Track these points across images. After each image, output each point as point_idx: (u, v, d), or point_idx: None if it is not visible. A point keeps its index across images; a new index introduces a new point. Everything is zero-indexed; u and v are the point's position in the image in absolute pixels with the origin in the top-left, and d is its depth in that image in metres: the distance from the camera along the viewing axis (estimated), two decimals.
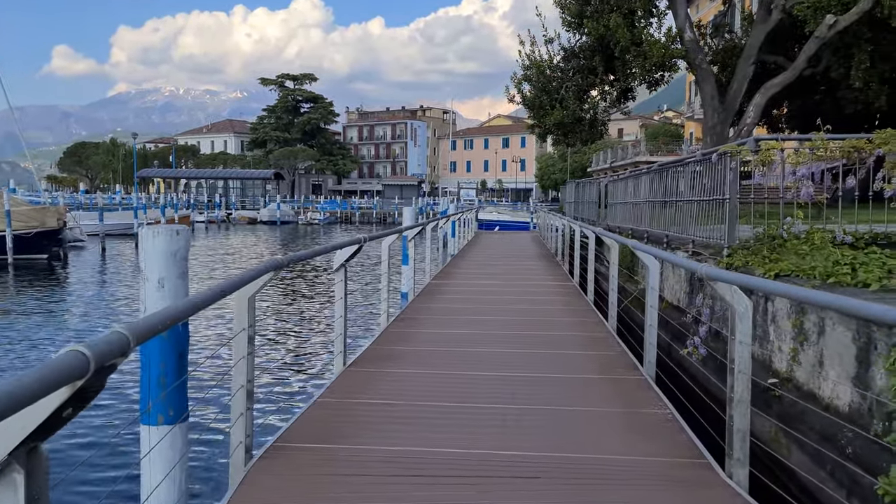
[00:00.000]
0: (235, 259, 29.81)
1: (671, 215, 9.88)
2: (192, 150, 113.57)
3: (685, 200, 9.03)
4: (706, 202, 8.17)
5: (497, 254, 19.63)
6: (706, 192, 8.35)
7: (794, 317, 5.37)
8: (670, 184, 10.10)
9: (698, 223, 8.47)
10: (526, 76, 19.25)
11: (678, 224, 9.52)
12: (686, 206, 9.08)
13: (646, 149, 47.78)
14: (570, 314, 9.49)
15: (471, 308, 9.81)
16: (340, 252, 6.20)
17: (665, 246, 9.70)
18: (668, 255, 5.69)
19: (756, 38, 17.22)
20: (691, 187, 9.06)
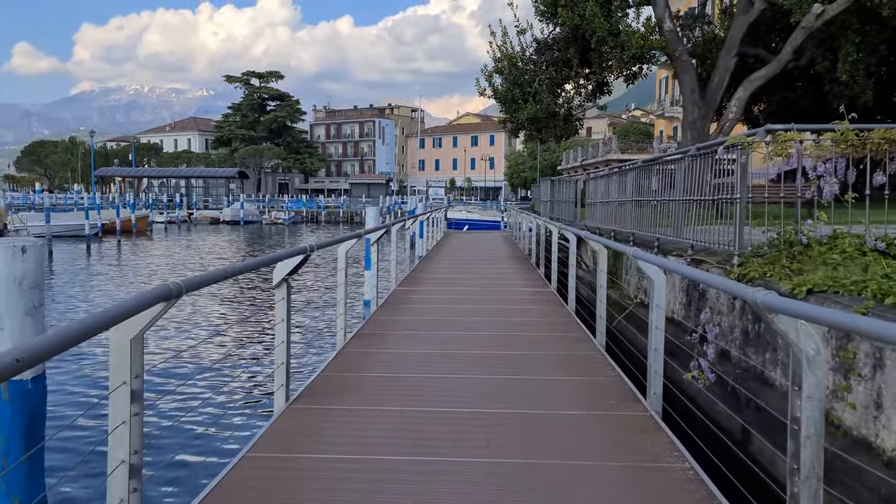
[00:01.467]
0: (177, 265, 27.59)
1: (662, 216, 8.91)
2: (155, 149, 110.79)
3: (681, 200, 8.06)
4: (708, 202, 7.21)
5: (468, 256, 18.60)
6: (706, 191, 7.39)
7: (836, 343, 4.39)
8: (661, 181, 9.14)
9: (697, 225, 7.51)
10: (497, 69, 18.24)
11: (671, 226, 8.56)
12: (682, 205, 8.12)
13: (617, 147, 47.18)
14: (551, 327, 8.47)
15: (440, 321, 8.74)
16: (281, 264, 5.09)
17: (657, 250, 8.73)
18: (687, 270, 4.59)
19: (738, 28, 16.40)
20: (687, 185, 8.10)
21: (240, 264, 4.34)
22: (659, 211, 9.02)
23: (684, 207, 8.11)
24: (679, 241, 8.14)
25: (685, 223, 8.12)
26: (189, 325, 15.09)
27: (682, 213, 8.30)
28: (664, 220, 8.85)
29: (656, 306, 5.18)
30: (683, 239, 7.92)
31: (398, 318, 9.03)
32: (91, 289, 20.50)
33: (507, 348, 7.21)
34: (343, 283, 7.57)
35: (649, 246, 9.20)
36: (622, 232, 11.14)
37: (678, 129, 51.61)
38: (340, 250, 7.52)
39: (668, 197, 8.74)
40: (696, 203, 7.52)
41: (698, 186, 7.83)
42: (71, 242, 32.84)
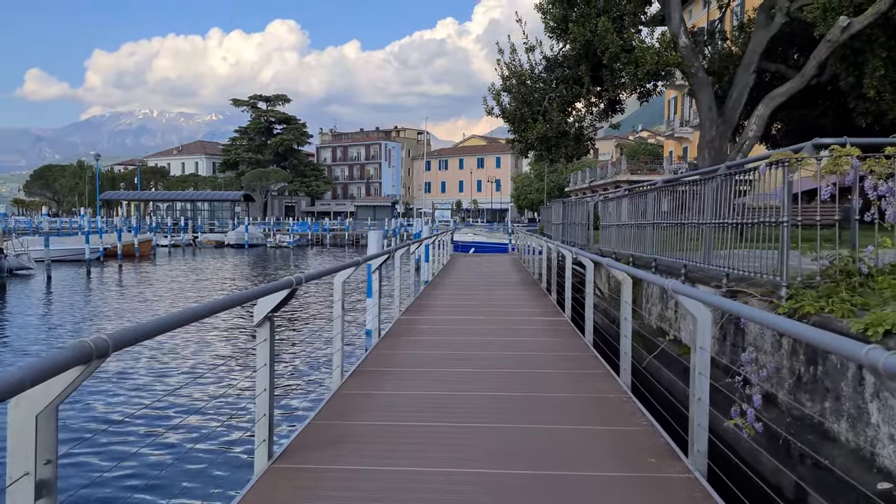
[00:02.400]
0: (168, 292, 26.24)
1: (689, 240, 8.17)
2: (162, 173, 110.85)
3: (712, 223, 7.32)
4: (745, 225, 6.48)
5: (476, 280, 17.86)
6: (742, 213, 6.67)
7: None
8: (686, 202, 8.41)
9: (730, 251, 6.77)
10: (506, 87, 17.61)
11: (699, 251, 7.82)
12: (712, 229, 7.38)
13: (627, 167, 46.51)
14: (569, 363, 7.70)
15: (446, 357, 7.98)
16: (263, 300, 4.38)
17: (683, 279, 7.98)
18: (757, 314, 3.65)
19: (757, 43, 15.75)
20: (717, 206, 7.37)
21: (215, 302, 3.63)
22: (685, 235, 8.28)
23: (715, 231, 7.38)
24: (709, 268, 7.39)
25: (716, 248, 7.38)
26: (158, 367, 13.22)
27: (710, 237, 7.57)
28: (691, 245, 8.11)
29: (700, 348, 4.43)
30: (715, 266, 7.18)
31: (401, 351, 8.29)
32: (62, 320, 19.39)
33: (522, 388, 6.46)
34: (339, 317, 6.85)
35: (675, 273, 8.45)
36: (641, 257, 10.40)
37: (688, 149, 51.02)
38: (337, 280, 6.80)
39: (696, 219, 8.01)
40: (731, 227, 6.79)
41: (730, 207, 7.12)
42: (73, 267, 32.29)
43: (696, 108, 16.82)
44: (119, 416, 9.94)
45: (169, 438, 8.75)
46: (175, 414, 9.98)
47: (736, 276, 6.53)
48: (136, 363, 13.30)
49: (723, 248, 7.34)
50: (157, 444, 8.50)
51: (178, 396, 10.92)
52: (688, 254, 8.09)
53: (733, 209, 7.25)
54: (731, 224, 6.73)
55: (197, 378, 12.24)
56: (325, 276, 5.99)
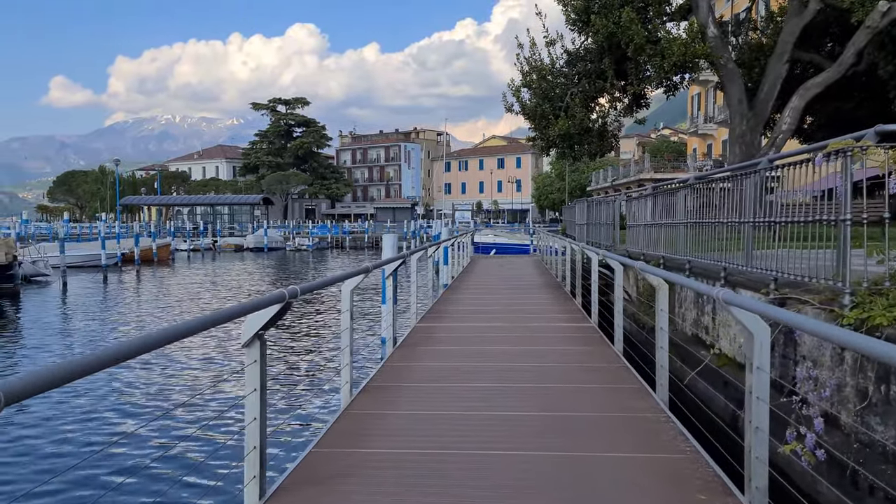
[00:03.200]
0: (180, 299, 25.28)
1: (727, 240, 7.51)
2: (183, 177, 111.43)
3: (753, 222, 6.66)
4: (779, 224, 5.82)
5: (497, 284, 17.24)
6: (782, 211, 6.02)
7: None
8: (724, 199, 7.75)
9: (777, 252, 6.10)
10: (526, 82, 16.99)
11: (738, 252, 7.15)
12: (755, 228, 6.72)
13: (650, 166, 45.58)
14: (599, 376, 7.07)
15: (465, 369, 7.39)
16: (252, 317, 3.83)
17: (723, 283, 7.32)
18: (820, 327, 2.92)
19: (790, 32, 14.99)
20: (758, 203, 6.72)
21: (193, 322, 3.08)
22: (724, 234, 7.61)
23: (758, 230, 6.72)
24: (752, 271, 6.73)
25: (758, 248, 6.72)
26: (134, 392, 11.56)
27: (751, 237, 6.92)
28: (730, 245, 7.45)
29: (757, 368, 3.79)
30: (759, 269, 6.51)
31: (417, 364, 7.71)
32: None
33: (547, 405, 5.86)
34: (348, 328, 6.29)
35: (712, 277, 7.79)
36: (673, 259, 9.72)
37: (713, 146, 49.97)
38: (345, 289, 6.25)
39: (735, 217, 7.34)
40: (777, 226, 6.13)
41: (762, 205, 6.48)
42: (90, 273, 32.12)
43: (726, 101, 16.09)
44: (98, 442, 8.99)
45: (148, 471, 7.74)
46: (153, 447, 8.83)
47: (786, 282, 5.87)
48: (107, 386, 11.78)
49: (764, 248, 6.70)
50: (133, 479, 7.49)
51: (158, 425, 9.71)
52: (727, 255, 7.42)
53: (767, 207, 6.62)
54: (778, 223, 6.07)
55: (181, 405, 10.86)
56: (324, 287, 5.37)
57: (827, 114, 19.48)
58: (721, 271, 7.39)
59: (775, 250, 6.14)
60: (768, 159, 6.97)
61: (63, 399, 10.82)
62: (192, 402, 10.85)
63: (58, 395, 10.79)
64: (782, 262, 5.95)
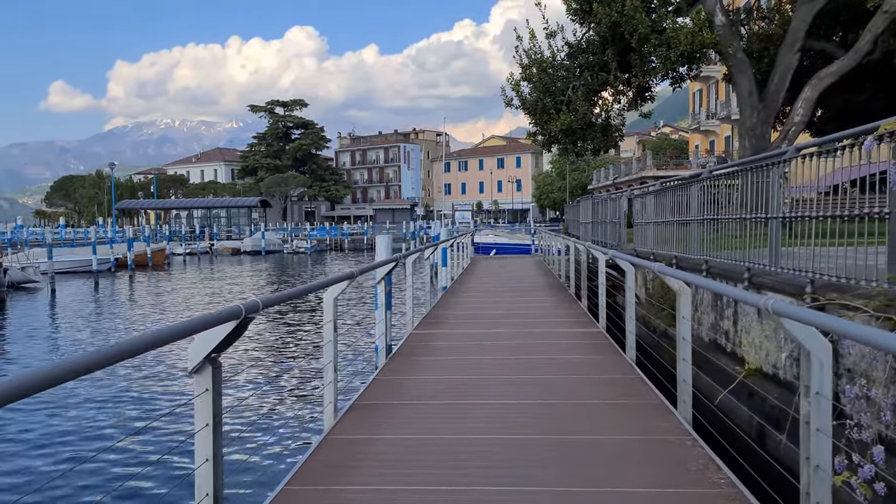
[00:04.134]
0: (165, 307, 23.82)
1: (750, 238, 6.82)
2: (181, 181, 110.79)
3: (786, 217, 5.98)
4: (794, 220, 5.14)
5: (498, 286, 16.56)
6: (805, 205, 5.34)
7: None
8: (746, 194, 7.06)
9: (813, 249, 5.42)
10: (525, 76, 16.30)
11: (760, 249, 6.47)
12: (785, 225, 6.05)
13: (652, 163, 44.89)
14: (610, 389, 6.40)
15: (462, 385, 6.71)
16: (201, 337, 3.15)
17: (747, 284, 6.64)
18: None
19: (801, 20, 14.31)
20: (780, 198, 6.06)
21: (126, 344, 2.42)
22: (746, 231, 6.93)
23: (787, 226, 6.05)
24: (781, 272, 6.05)
25: (789, 248, 6.04)
26: (68, 422, 9.94)
27: (778, 234, 6.25)
28: (754, 243, 6.77)
29: (816, 395, 3.11)
30: (788, 269, 5.83)
31: (410, 378, 7.04)
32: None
33: (555, 427, 5.18)
34: (332, 341, 5.60)
35: (734, 278, 7.11)
36: (688, 258, 9.04)
37: (715, 142, 49.29)
38: (327, 297, 5.57)
39: (760, 213, 6.66)
40: (813, 221, 5.44)
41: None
42: (81, 279, 31.43)
43: (735, 93, 15.41)
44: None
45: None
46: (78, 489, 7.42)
47: (825, 284, 5.18)
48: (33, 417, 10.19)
49: (790, 246, 6.04)
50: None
51: (93, 464, 8.17)
52: (750, 254, 6.73)
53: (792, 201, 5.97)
54: (814, 218, 5.38)
55: (122, 437, 9.29)
56: (292, 298, 4.57)
57: (836, 106, 18.79)
58: (744, 272, 6.71)
59: (810, 248, 5.46)
60: (795, 148, 6.31)
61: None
62: (138, 435, 9.28)
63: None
64: (819, 262, 5.26)
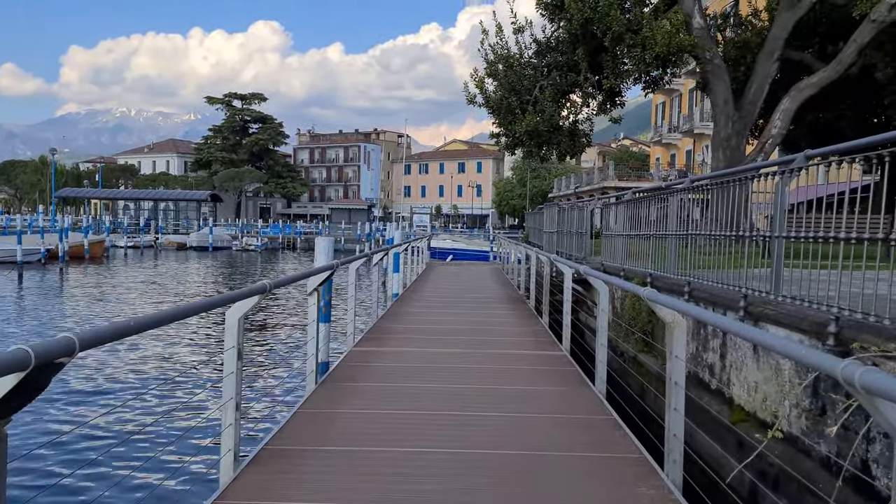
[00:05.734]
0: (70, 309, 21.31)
1: (748, 257, 5.83)
2: (131, 171, 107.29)
3: (796, 237, 4.99)
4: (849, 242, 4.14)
5: (453, 296, 15.46)
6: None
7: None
8: (739, 207, 6.08)
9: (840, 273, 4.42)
10: (490, 72, 15.25)
11: (750, 268, 5.47)
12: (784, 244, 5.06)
13: (614, 173, 44.39)
14: (583, 437, 5.32)
15: (404, 421, 5.56)
16: None
17: (743, 314, 5.63)
18: None
19: (781, 27, 13.58)
20: (782, 213, 5.08)
21: None
22: (749, 251, 5.94)
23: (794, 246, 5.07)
24: (784, 301, 5.05)
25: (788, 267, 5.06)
26: None
27: (781, 255, 5.27)
28: (748, 263, 5.77)
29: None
30: (793, 298, 4.83)
31: (341, 410, 5.87)
32: None
33: (514, 490, 4.07)
34: (234, 372, 4.41)
35: (725, 305, 6.11)
36: (664, 277, 8.05)
37: (676, 156, 49.11)
38: (231, 317, 4.38)
39: (751, 230, 5.67)
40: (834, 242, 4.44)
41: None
42: (6, 269, 29.33)
43: (710, 101, 14.59)
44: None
45: None
46: None
47: (854, 323, 4.17)
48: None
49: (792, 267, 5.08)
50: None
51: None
52: (745, 275, 5.72)
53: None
54: (840, 239, 4.37)
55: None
56: (112, 340, 2.90)
57: (808, 123, 18.19)
58: (740, 299, 5.70)
59: (817, 271, 4.46)
60: (805, 156, 5.35)
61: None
62: None
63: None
64: (818, 289, 4.25)
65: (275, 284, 4.74)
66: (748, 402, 5.66)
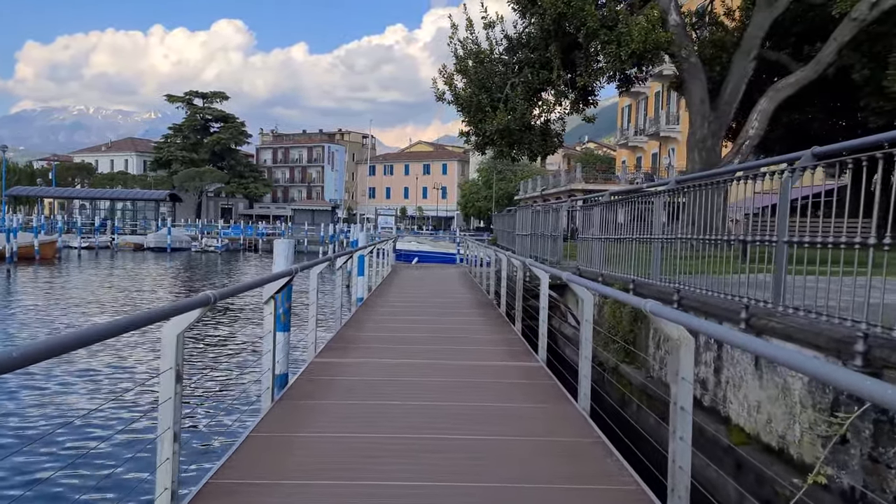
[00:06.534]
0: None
1: (751, 263, 5.34)
2: (88, 170, 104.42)
3: (790, 242, 4.50)
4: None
5: (421, 301, 14.85)
6: None
7: None
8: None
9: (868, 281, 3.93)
10: (460, 67, 14.68)
11: (766, 284, 4.98)
12: (793, 248, 4.57)
13: (581, 176, 44.20)
14: (568, 462, 4.76)
15: (367, 446, 4.94)
16: None
17: (745, 325, 5.14)
18: None
19: (758, 27, 13.27)
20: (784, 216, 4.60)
21: None
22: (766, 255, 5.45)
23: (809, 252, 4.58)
24: (788, 312, 4.56)
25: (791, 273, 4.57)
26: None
27: (784, 260, 4.79)
28: (751, 268, 5.28)
29: None
30: (805, 311, 4.34)
31: (298, 434, 5.23)
32: None
33: None
34: (171, 399, 3.75)
35: (718, 315, 5.61)
36: (648, 284, 7.55)
37: (642, 158, 49.16)
38: (167, 334, 3.72)
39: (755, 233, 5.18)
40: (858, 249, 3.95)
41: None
42: None
43: (685, 100, 14.23)
44: None
45: None
46: None
47: (880, 339, 3.67)
48: None
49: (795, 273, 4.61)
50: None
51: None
52: (747, 286, 5.23)
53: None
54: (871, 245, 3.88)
55: None
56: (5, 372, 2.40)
57: (782, 125, 18.01)
58: (740, 310, 5.20)
59: (827, 278, 3.97)
60: (812, 153, 4.88)
61: None
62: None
63: None
64: (827, 298, 3.76)
65: (221, 295, 4.08)
66: (748, 422, 5.16)
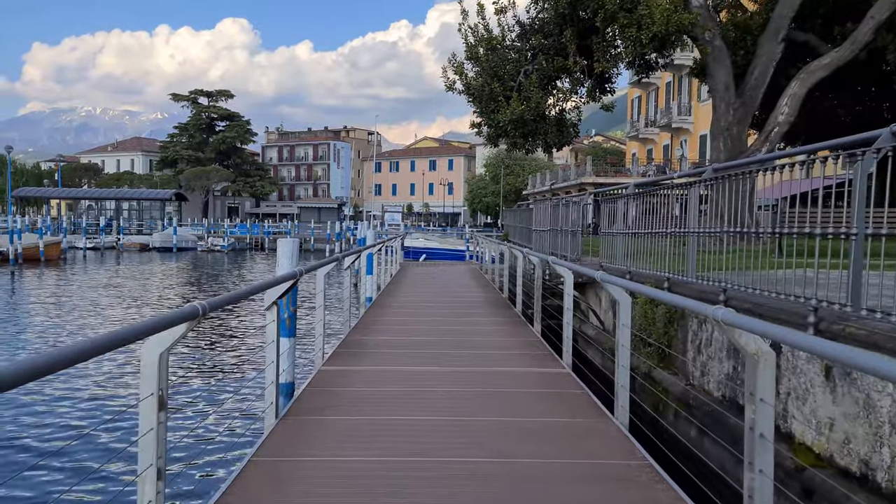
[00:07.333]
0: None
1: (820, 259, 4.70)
2: (95, 170, 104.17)
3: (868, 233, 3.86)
4: None
5: (433, 301, 14.25)
6: None
7: None
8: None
9: None
10: (471, 55, 14.02)
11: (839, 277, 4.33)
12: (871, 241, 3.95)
13: (592, 170, 43.45)
14: (610, 484, 4.14)
15: (385, 471, 4.32)
16: None
17: (813, 331, 4.50)
18: None
19: (787, 6, 12.55)
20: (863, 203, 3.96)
21: None
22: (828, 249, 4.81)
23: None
24: (870, 318, 3.93)
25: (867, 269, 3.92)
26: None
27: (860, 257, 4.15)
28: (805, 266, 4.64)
29: None
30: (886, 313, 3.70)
31: (305, 458, 4.62)
32: None
33: None
34: (154, 429, 3.15)
35: (781, 319, 4.97)
36: (689, 284, 6.91)
37: (653, 151, 48.35)
38: (148, 355, 3.13)
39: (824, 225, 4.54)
40: None
41: None
42: None
43: (709, 86, 13.53)
44: None
45: None
46: None
47: None
48: None
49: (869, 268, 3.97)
50: None
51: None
52: (815, 285, 4.58)
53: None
54: None
55: None
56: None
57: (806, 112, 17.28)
58: (808, 314, 4.55)
59: None
60: (891, 132, 4.24)
61: None
62: None
63: None
64: None
65: (212, 306, 3.47)
66: (818, 442, 4.52)
